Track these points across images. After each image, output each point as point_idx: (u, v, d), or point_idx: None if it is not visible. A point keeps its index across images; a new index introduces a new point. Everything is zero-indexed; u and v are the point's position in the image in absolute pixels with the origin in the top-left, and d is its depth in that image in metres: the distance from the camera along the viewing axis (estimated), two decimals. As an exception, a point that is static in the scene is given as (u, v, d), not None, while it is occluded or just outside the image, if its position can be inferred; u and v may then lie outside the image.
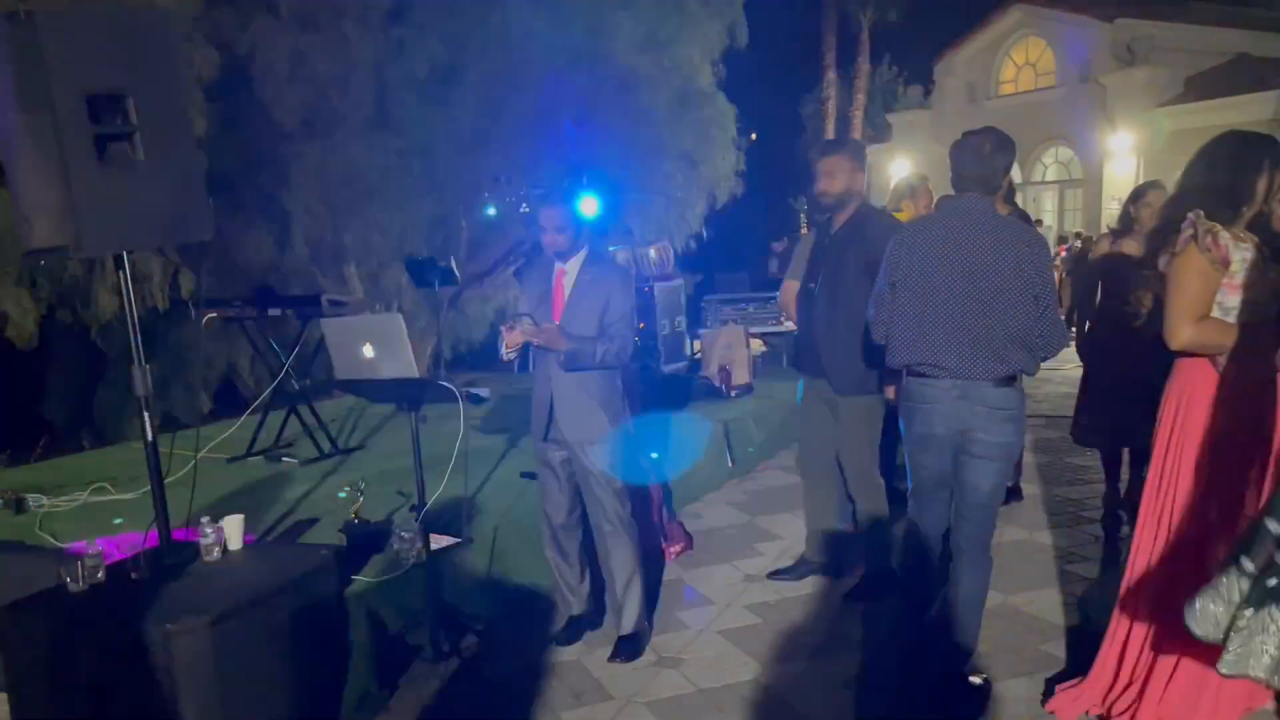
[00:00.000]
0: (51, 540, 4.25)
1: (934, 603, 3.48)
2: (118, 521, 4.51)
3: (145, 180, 3.05)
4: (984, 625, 3.90)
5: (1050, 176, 22.55)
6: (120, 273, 3.21)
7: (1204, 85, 18.27)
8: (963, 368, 3.11)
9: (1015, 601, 4.15)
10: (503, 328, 3.65)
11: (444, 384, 3.55)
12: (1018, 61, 22.48)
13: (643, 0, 12.44)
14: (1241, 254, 2.70)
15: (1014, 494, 5.58)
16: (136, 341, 3.22)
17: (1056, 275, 4.63)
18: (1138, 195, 4.84)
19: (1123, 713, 2.99)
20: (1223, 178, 2.80)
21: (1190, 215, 2.72)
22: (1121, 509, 4.81)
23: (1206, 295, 2.72)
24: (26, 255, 3.19)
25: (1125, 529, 4.94)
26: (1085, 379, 4.81)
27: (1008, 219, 3.33)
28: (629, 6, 12.38)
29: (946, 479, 3.30)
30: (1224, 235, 2.70)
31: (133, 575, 3.24)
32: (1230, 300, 2.73)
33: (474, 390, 3.58)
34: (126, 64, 2.98)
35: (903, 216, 4.98)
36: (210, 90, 10.27)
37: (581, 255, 3.78)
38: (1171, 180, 4.63)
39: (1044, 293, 3.09)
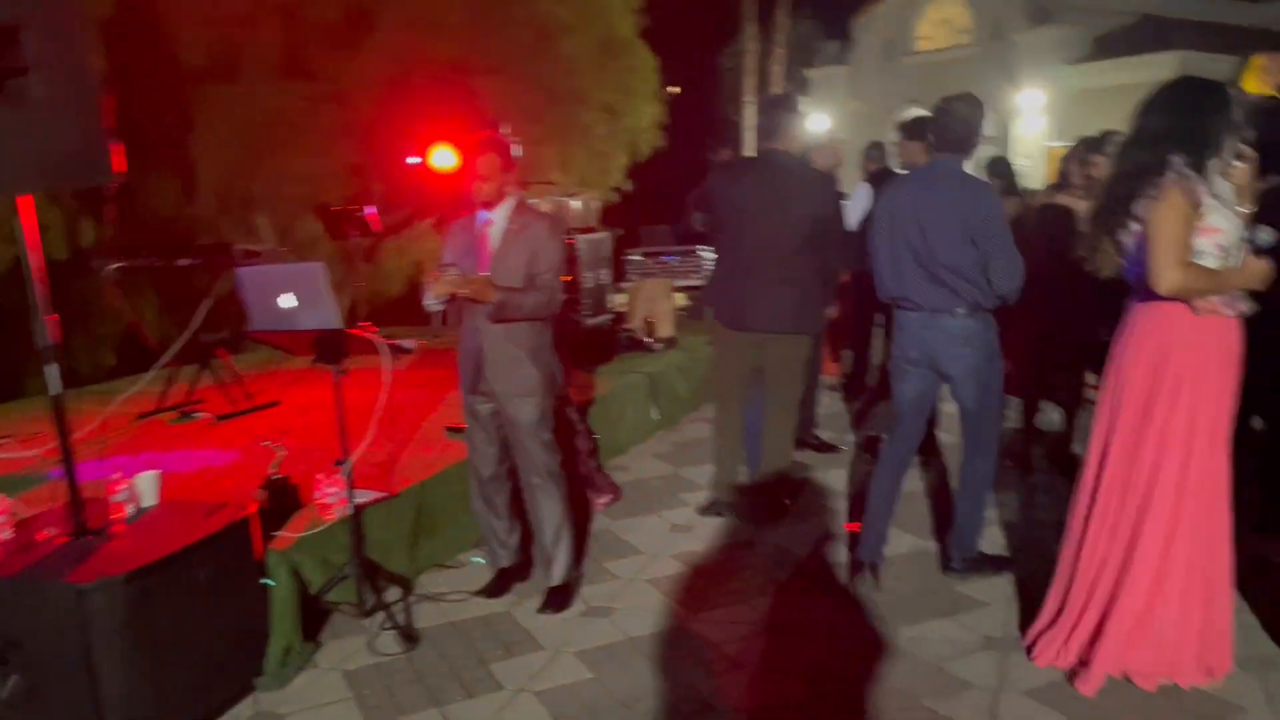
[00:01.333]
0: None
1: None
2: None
3: (43, 119, 2.88)
4: (903, 569, 4.03)
5: (964, 133, 22.91)
6: (17, 218, 3.04)
7: (1111, 44, 18.72)
8: (926, 301, 3.64)
9: (929, 546, 4.27)
10: (428, 277, 3.56)
11: (369, 335, 3.45)
12: (934, 19, 22.71)
13: (560, -56, 12.17)
14: (1208, 198, 2.76)
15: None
16: (33, 294, 3.07)
17: None
18: (1095, 148, 4.85)
19: (1084, 661, 3.04)
20: (1189, 122, 2.81)
21: (1173, 158, 2.74)
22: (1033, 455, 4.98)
23: (1189, 239, 2.74)
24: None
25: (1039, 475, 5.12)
26: (1011, 330, 4.94)
27: (965, 178, 3.66)
28: (546, -49, 12.11)
29: (925, 400, 3.86)
30: (1197, 178, 2.74)
31: (41, 535, 3.11)
32: (1201, 243, 2.77)
33: (399, 342, 3.48)
34: (20, -3, 2.80)
35: None
36: (111, 31, 9.75)
37: (509, 205, 3.70)
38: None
39: (985, 239, 3.50)
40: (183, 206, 12.72)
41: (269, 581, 3.34)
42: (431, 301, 3.60)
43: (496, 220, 3.68)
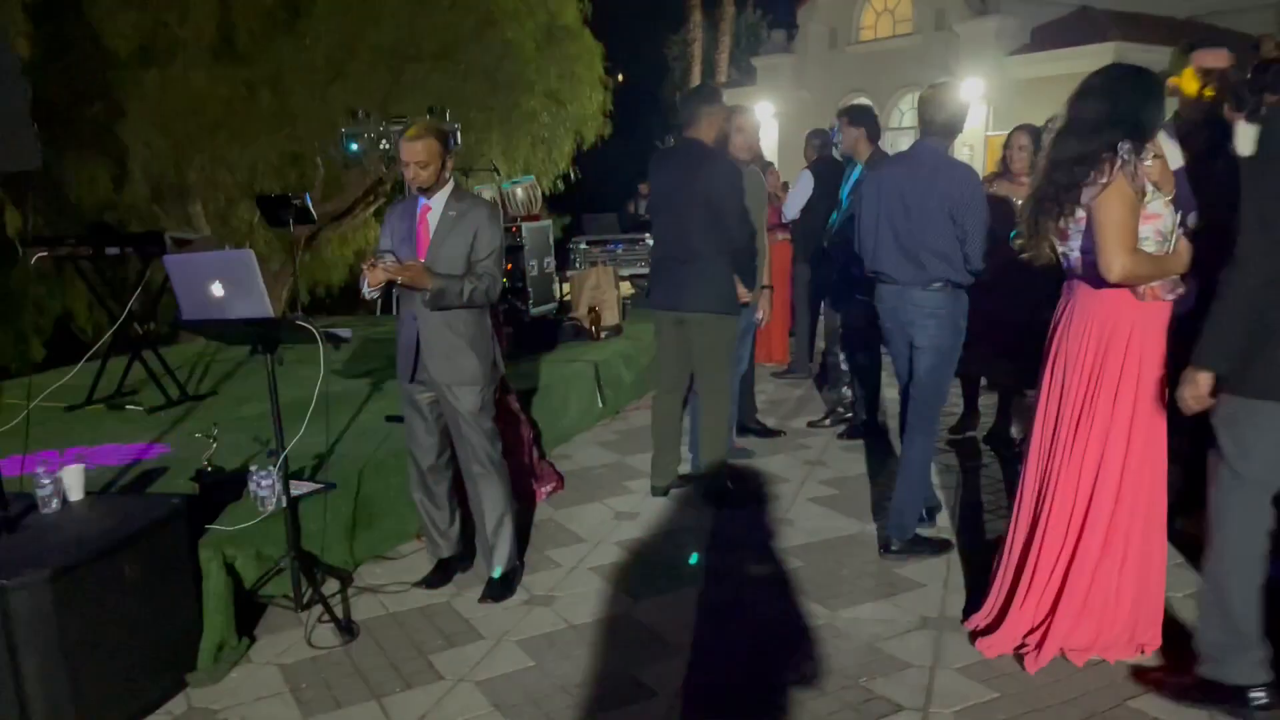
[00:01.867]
0: None
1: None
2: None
3: (-43, 102, 2.78)
4: (843, 551, 4.07)
5: (907, 122, 23.10)
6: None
7: (1049, 35, 19.01)
8: (901, 275, 3.89)
9: (869, 529, 4.32)
10: (364, 265, 3.50)
11: (302, 323, 3.39)
12: (877, 8, 22.85)
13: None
14: (1149, 184, 2.80)
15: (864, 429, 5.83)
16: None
17: None
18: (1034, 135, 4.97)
19: (1034, 646, 3.08)
20: (1127, 109, 2.83)
21: (1121, 145, 2.76)
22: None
23: (1135, 225, 2.78)
24: None
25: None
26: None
27: (950, 160, 3.94)
28: (488, -66, 12.00)
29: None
30: (1143, 166, 2.77)
31: (-40, 531, 3.01)
32: (1143, 229, 2.81)
33: (334, 330, 3.42)
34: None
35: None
36: (34, 12, 9.48)
37: (446, 191, 3.65)
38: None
39: (966, 217, 3.73)
40: (115, 194, 12.43)
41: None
42: (368, 289, 3.54)
43: (434, 206, 3.64)
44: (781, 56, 24.71)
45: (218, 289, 3.38)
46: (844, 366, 5.89)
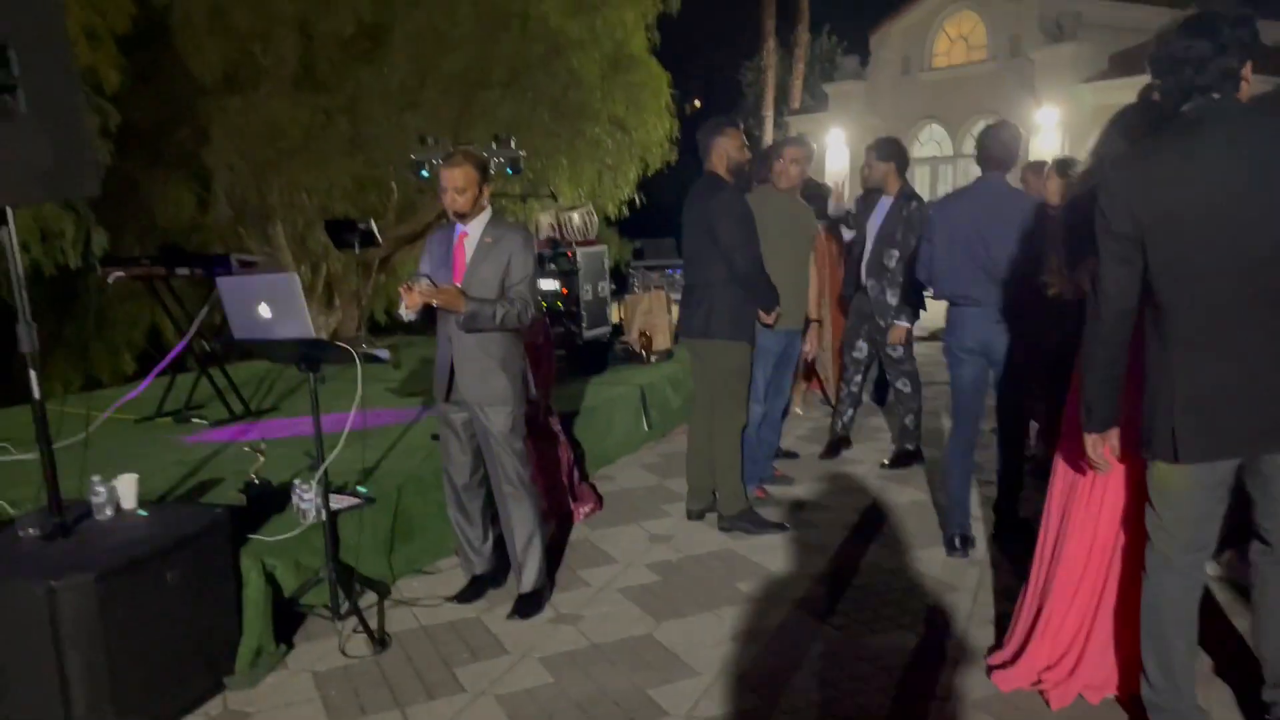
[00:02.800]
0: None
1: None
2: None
3: (28, 133, 2.98)
4: (873, 581, 4.07)
5: (981, 149, 22.86)
6: (4, 227, 3.14)
7: (1127, 62, 18.63)
8: (985, 298, 4.15)
9: (903, 559, 4.31)
10: (402, 288, 3.65)
11: (340, 344, 3.55)
12: (951, 35, 22.67)
13: (575, -39, 12.34)
14: None
15: (915, 457, 5.78)
16: (22, 298, 3.16)
17: None
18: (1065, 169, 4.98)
19: (1056, 684, 3.06)
20: None
21: None
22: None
23: None
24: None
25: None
26: None
27: (1013, 191, 4.35)
28: (561, -34, 12.27)
29: (980, 384, 4.34)
30: None
31: (21, 534, 3.21)
32: None
33: (373, 351, 3.57)
34: (8, 14, 2.91)
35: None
36: (125, 42, 9.97)
37: (484, 218, 3.79)
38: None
39: (1038, 241, 3.89)
40: (199, 216, 12.95)
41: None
42: (406, 311, 3.69)
43: (471, 232, 3.77)
44: (853, 83, 24.64)
45: (265, 310, 3.55)
46: (905, 389, 5.84)
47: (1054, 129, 19.11)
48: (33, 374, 3.21)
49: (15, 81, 2.95)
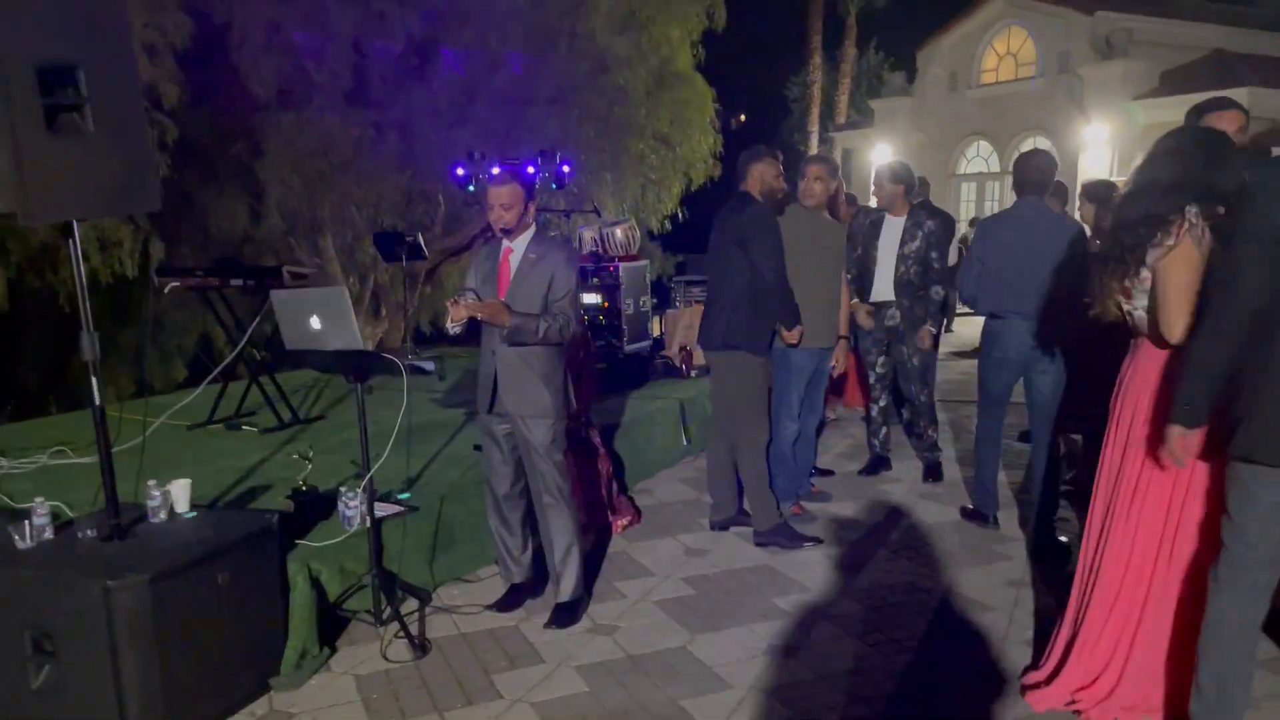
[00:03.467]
0: (8, 501, 4.33)
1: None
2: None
3: (94, 151, 3.11)
4: (907, 599, 4.09)
5: (1029, 167, 22.65)
6: (70, 240, 3.28)
7: (1179, 79, 18.40)
8: (1026, 311, 4.47)
9: (937, 578, 4.32)
10: (449, 302, 3.75)
11: (387, 356, 3.65)
12: (999, 51, 22.53)
13: (623, -21, 12.49)
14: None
15: (940, 468, 5.82)
16: (85, 308, 3.29)
17: None
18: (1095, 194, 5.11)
19: (1092, 704, 3.05)
20: (1199, 172, 2.83)
21: (1189, 208, 2.77)
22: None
23: (1200, 288, 2.77)
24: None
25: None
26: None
27: (1052, 214, 4.68)
28: (609, -15, 12.42)
29: (1010, 388, 4.73)
30: (1207, 229, 2.78)
31: (79, 535, 3.34)
32: None
33: (418, 363, 3.67)
34: (78, 37, 3.05)
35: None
36: (184, 59, 10.26)
37: (528, 234, 3.88)
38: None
39: (1077, 259, 4.26)
40: (253, 228, 13.25)
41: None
42: (451, 325, 3.78)
43: (516, 249, 3.86)
44: (900, 99, 24.56)
45: (315, 322, 3.67)
46: (923, 399, 5.86)
47: (1103, 146, 18.92)
48: (94, 381, 3.33)
49: (84, 101, 3.09)
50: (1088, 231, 4.79)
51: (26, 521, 3.28)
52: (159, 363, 14.74)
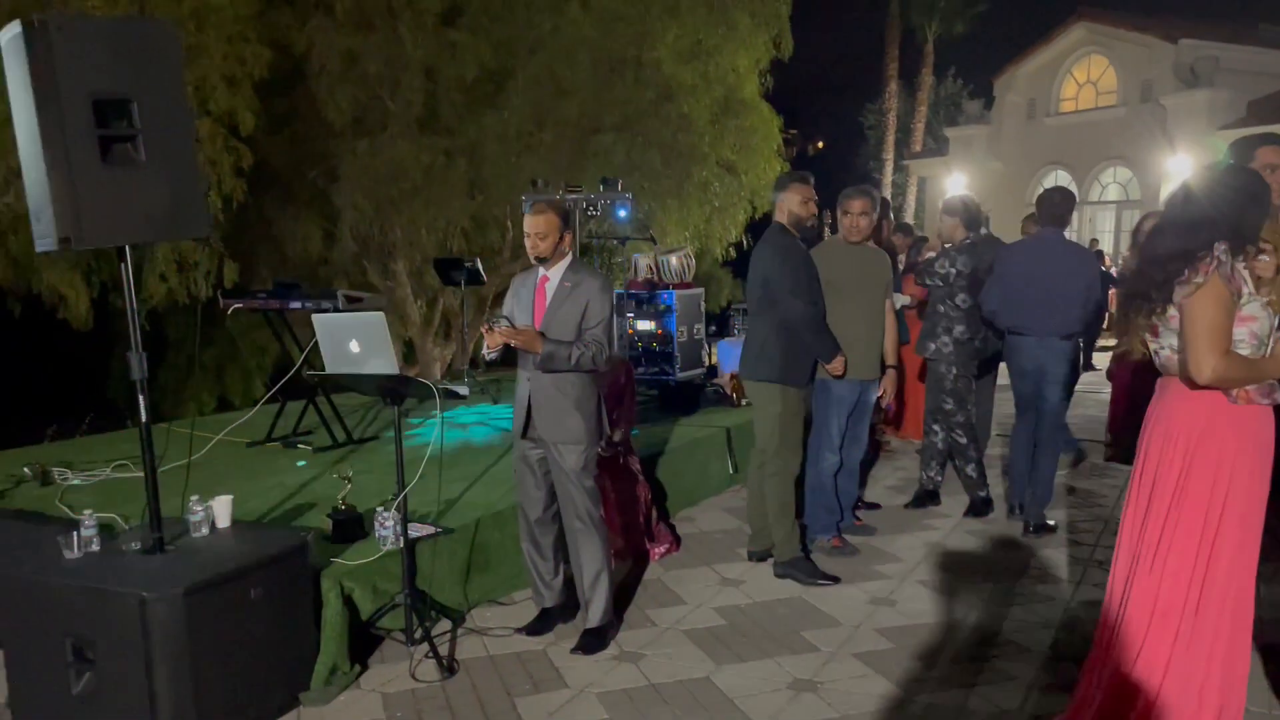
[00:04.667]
0: (68, 512, 4.51)
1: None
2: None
3: (146, 179, 3.27)
4: (938, 639, 4.02)
5: (1109, 196, 22.16)
6: (123, 264, 3.44)
7: (1267, 109, 17.84)
8: (1041, 329, 5.15)
9: (972, 619, 4.23)
10: (483, 328, 3.82)
11: (421, 380, 3.73)
12: (1079, 79, 22.14)
13: (689, 10, 12.57)
14: (1247, 287, 2.74)
15: (988, 505, 5.71)
16: (135, 329, 3.44)
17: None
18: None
19: None
20: (1229, 209, 2.77)
21: (1217, 245, 2.73)
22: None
23: (1229, 327, 2.72)
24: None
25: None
26: (1126, 398, 4.95)
27: (1070, 243, 5.44)
28: (675, 16, 12.51)
29: (1034, 397, 5.34)
30: (1239, 267, 2.73)
31: (123, 547, 3.47)
32: (1237, 332, 2.74)
33: (451, 386, 3.75)
34: (132, 71, 3.21)
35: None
36: (263, 88, 10.63)
37: (564, 263, 3.95)
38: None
39: (1094, 287, 5.21)
40: (326, 251, 13.62)
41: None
42: (487, 351, 3.86)
43: (552, 277, 3.93)
44: (976, 127, 24.26)
45: (355, 346, 3.78)
46: (961, 439, 5.75)
47: (1184, 177, 18.40)
48: (141, 399, 3.48)
49: (136, 132, 3.25)
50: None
51: (75, 533, 3.43)
52: (239, 380, 15.25)
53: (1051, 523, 5.41)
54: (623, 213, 8.14)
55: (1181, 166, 18.43)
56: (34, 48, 3.03)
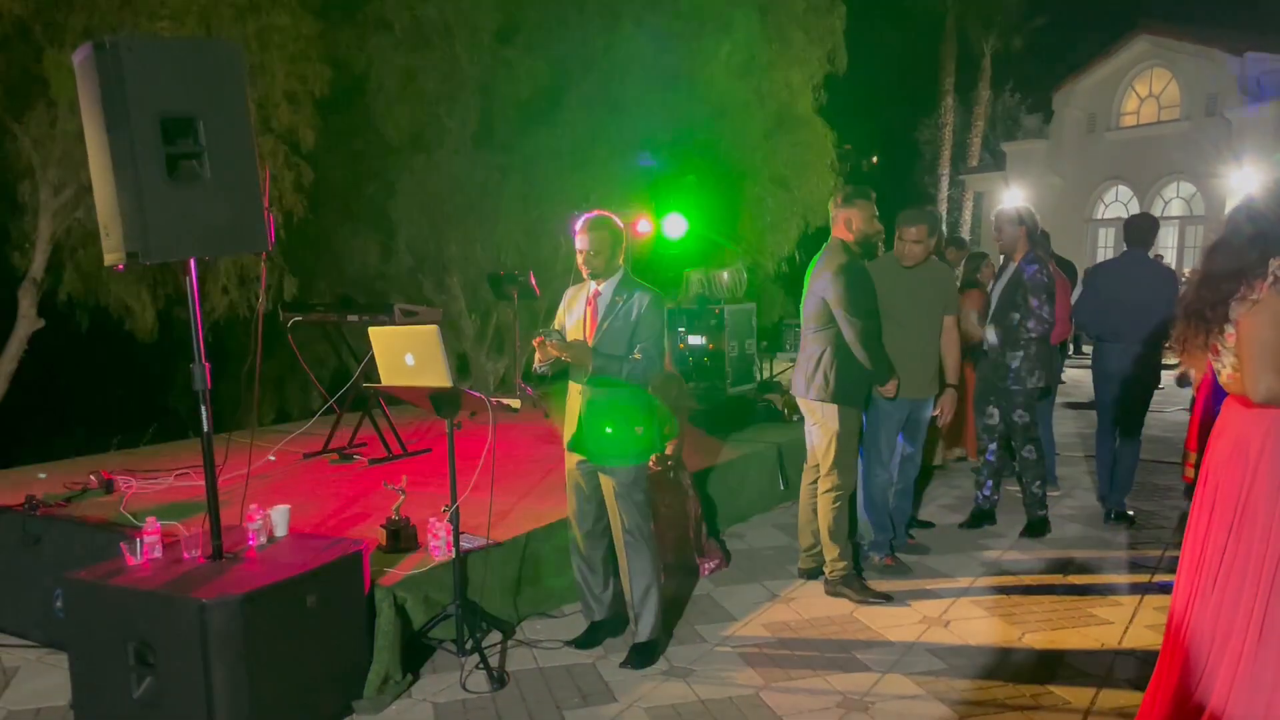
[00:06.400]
0: (131, 520, 4.62)
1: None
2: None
3: (210, 196, 3.36)
4: (988, 660, 3.95)
5: (1173, 212, 21.68)
6: (187, 278, 3.54)
7: (1339, 122, 17.41)
8: (1125, 336, 5.75)
9: (1025, 641, 4.15)
10: (534, 342, 3.86)
11: (474, 393, 3.77)
12: (1141, 93, 21.75)
13: (742, 27, 12.58)
14: None
15: (1046, 525, 5.70)
16: (198, 341, 3.53)
17: None
18: None
19: None
20: None
21: (1273, 262, 2.68)
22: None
23: None
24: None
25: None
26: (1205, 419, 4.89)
27: (1153, 262, 6.10)
28: (729, 33, 12.52)
29: (1115, 399, 5.89)
30: None
31: (185, 554, 3.56)
32: None
33: (504, 400, 3.79)
34: (198, 90, 3.31)
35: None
36: (323, 105, 10.83)
37: (616, 278, 3.97)
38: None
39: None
40: (383, 265, 13.82)
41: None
42: (539, 364, 3.89)
43: (604, 292, 3.96)
44: (1034, 142, 23.94)
45: (409, 359, 3.83)
46: (1030, 456, 5.65)
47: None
48: (204, 410, 3.56)
49: (201, 149, 3.35)
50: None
51: (139, 540, 3.52)
52: (299, 392, 15.52)
53: (1130, 513, 5.93)
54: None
55: (1247, 182, 18.00)
56: (105, 68, 3.14)
